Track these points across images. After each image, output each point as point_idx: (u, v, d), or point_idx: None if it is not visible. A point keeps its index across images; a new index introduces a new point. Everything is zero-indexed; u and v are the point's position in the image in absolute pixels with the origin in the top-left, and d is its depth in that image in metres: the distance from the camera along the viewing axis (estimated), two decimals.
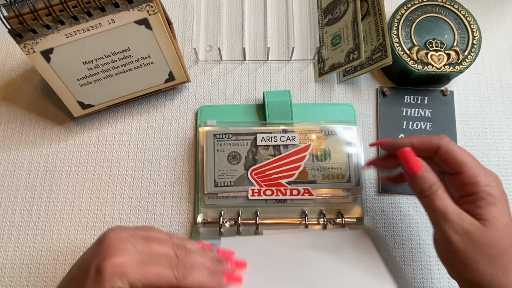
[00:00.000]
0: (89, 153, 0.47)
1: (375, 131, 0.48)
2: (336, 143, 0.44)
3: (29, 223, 0.44)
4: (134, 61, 0.42)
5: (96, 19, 0.38)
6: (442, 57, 0.46)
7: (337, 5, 0.49)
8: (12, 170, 0.46)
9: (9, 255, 0.43)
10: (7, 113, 0.48)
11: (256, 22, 0.53)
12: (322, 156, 0.44)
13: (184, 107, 0.49)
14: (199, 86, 0.50)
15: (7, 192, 0.45)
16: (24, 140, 0.47)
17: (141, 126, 0.48)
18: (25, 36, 0.37)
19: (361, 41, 0.44)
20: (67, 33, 0.38)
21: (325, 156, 0.44)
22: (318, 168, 0.43)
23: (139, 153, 0.47)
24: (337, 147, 0.44)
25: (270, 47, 0.51)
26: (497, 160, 0.47)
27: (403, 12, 0.48)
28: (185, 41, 0.52)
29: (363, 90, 0.49)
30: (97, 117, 0.48)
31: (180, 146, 0.47)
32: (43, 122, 0.48)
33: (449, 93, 0.48)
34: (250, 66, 0.51)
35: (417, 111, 0.48)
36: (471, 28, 0.47)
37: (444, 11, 0.48)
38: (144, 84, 0.45)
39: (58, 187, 0.45)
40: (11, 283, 0.42)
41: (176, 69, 0.45)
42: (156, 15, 0.39)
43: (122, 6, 0.38)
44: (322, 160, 0.44)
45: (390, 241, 0.44)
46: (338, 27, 0.48)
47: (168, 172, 0.46)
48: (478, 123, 0.48)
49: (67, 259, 0.43)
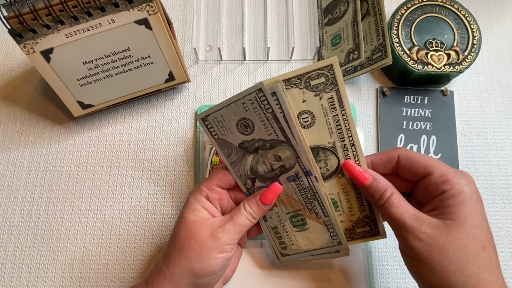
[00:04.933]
0: (89, 153, 0.47)
1: (375, 131, 0.48)
2: None
3: (29, 223, 0.44)
4: (134, 61, 0.42)
5: (96, 19, 0.38)
6: (442, 57, 0.46)
7: (337, 5, 0.49)
8: (12, 170, 0.46)
9: (9, 255, 0.43)
10: (7, 113, 0.48)
11: (256, 22, 0.53)
12: None
13: (184, 107, 0.49)
14: (199, 86, 0.50)
15: (7, 192, 0.45)
16: (24, 140, 0.47)
17: (141, 126, 0.48)
18: (25, 36, 0.37)
19: (361, 41, 0.44)
20: (67, 33, 0.38)
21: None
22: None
23: (139, 153, 0.47)
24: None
25: (270, 47, 0.51)
26: (497, 160, 0.47)
27: (403, 12, 0.48)
28: (185, 41, 0.52)
29: (363, 90, 0.49)
30: (97, 117, 0.48)
31: (180, 146, 0.47)
32: (43, 122, 0.48)
33: (449, 93, 0.48)
34: (250, 66, 0.51)
35: (417, 111, 0.48)
36: (471, 28, 0.47)
37: (444, 11, 0.48)
38: (144, 84, 0.45)
39: (58, 187, 0.45)
40: (11, 283, 0.42)
41: (176, 69, 0.45)
42: (156, 15, 0.39)
43: (122, 6, 0.38)
44: None
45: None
46: (338, 27, 0.48)
47: (168, 172, 0.46)
48: (478, 123, 0.48)
49: (67, 259, 0.43)
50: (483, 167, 0.47)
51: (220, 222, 0.32)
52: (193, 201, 0.33)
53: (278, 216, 0.35)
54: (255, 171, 0.32)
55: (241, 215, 0.32)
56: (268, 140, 0.30)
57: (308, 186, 0.32)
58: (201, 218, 0.32)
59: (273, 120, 0.29)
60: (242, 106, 0.29)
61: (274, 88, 0.28)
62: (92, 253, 0.43)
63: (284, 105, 0.28)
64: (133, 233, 0.44)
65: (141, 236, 0.44)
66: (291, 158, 0.31)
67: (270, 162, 0.31)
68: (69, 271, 0.43)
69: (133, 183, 0.46)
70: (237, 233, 0.32)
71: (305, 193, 0.33)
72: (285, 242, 0.36)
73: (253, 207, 0.32)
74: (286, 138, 0.30)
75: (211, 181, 0.33)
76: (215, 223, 0.32)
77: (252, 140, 0.31)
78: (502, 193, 0.46)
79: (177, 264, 0.31)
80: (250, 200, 0.33)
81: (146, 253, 0.43)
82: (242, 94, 0.28)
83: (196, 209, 0.32)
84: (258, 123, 0.30)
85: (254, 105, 0.29)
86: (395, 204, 0.28)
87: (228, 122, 0.30)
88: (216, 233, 0.31)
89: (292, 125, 0.29)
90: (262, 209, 0.33)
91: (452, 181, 0.27)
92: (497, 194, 0.46)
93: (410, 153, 0.30)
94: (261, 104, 0.29)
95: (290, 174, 0.32)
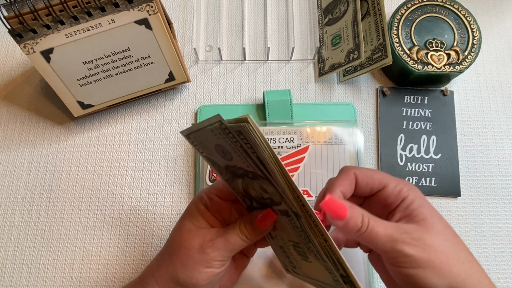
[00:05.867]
0: (89, 153, 0.47)
1: (375, 131, 0.48)
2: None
3: (29, 223, 0.44)
4: (134, 61, 0.42)
5: (96, 19, 0.38)
6: (442, 57, 0.46)
7: (337, 5, 0.49)
8: (12, 170, 0.46)
9: (9, 255, 0.43)
10: (7, 113, 0.48)
11: (256, 22, 0.53)
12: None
13: (184, 107, 0.49)
14: (199, 86, 0.50)
15: (7, 192, 0.45)
16: (24, 140, 0.47)
17: (141, 126, 0.48)
18: (25, 36, 0.37)
19: (361, 41, 0.44)
20: (67, 33, 0.38)
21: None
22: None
23: (139, 153, 0.47)
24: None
25: (270, 47, 0.51)
26: (497, 160, 0.47)
27: (403, 12, 0.48)
28: (185, 41, 0.52)
29: (363, 90, 0.49)
30: (97, 117, 0.48)
31: (180, 146, 0.47)
32: (43, 122, 0.48)
33: (449, 93, 0.48)
34: (250, 66, 0.51)
35: (417, 111, 0.48)
36: (471, 28, 0.47)
37: (444, 11, 0.48)
38: (144, 84, 0.45)
39: (58, 187, 0.45)
40: (11, 283, 0.42)
41: (176, 69, 0.45)
42: (156, 15, 0.39)
43: (122, 6, 0.38)
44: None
45: None
46: (338, 27, 0.48)
47: (168, 172, 0.46)
48: (478, 123, 0.48)
49: (67, 259, 0.43)
50: (483, 167, 0.47)
51: (212, 235, 0.30)
52: (193, 208, 0.32)
53: (282, 239, 0.32)
54: (248, 193, 0.29)
55: (234, 234, 0.30)
56: (249, 171, 0.26)
57: (299, 227, 0.27)
58: (197, 226, 0.31)
59: (247, 155, 0.24)
60: (212, 133, 0.24)
61: (239, 127, 0.22)
62: (92, 253, 0.43)
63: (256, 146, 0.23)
64: (133, 233, 0.44)
65: (141, 236, 0.44)
66: (276, 195, 0.26)
67: (259, 191, 0.28)
68: (69, 271, 0.43)
69: (133, 183, 0.46)
70: (228, 251, 0.30)
71: (298, 232, 0.28)
72: (293, 263, 0.33)
73: (249, 229, 0.30)
74: (265, 175, 0.25)
75: (212, 190, 0.32)
76: (207, 235, 0.30)
77: (234, 167, 0.27)
78: (502, 193, 0.46)
79: (165, 268, 0.30)
80: (246, 220, 0.30)
81: (146, 253, 0.43)
82: (206, 122, 0.24)
83: (194, 217, 0.31)
84: (234, 153, 0.25)
85: (222, 136, 0.24)
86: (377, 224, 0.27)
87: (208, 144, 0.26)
88: (205, 247, 0.29)
89: (266, 164, 0.23)
90: (257, 233, 0.30)
91: (405, 188, 0.29)
92: (497, 194, 0.46)
93: (362, 170, 0.30)
94: (228, 137, 0.24)
95: (281, 209, 0.27)
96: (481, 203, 0.45)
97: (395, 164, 0.46)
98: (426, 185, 0.46)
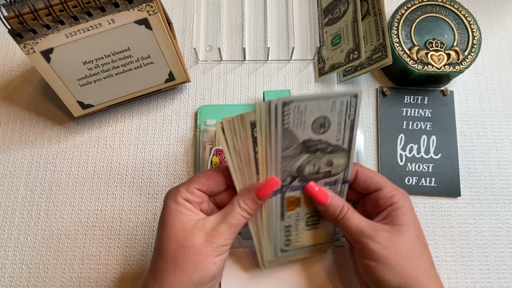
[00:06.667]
0: (89, 153, 0.47)
1: (375, 131, 0.48)
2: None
3: (29, 223, 0.44)
4: (134, 61, 0.42)
5: (96, 19, 0.38)
6: (442, 57, 0.46)
7: (337, 5, 0.49)
8: (12, 170, 0.46)
9: (9, 255, 0.43)
10: (7, 113, 0.48)
11: (256, 22, 0.53)
12: None
13: (184, 107, 0.49)
14: (199, 86, 0.50)
15: (7, 192, 0.45)
16: (24, 140, 0.47)
17: (141, 126, 0.48)
18: (25, 36, 0.37)
19: (361, 41, 0.44)
20: (67, 33, 0.38)
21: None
22: None
23: (139, 153, 0.47)
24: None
25: (270, 47, 0.51)
26: (497, 160, 0.47)
27: (403, 12, 0.48)
28: (185, 41, 0.52)
29: (363, 90, 0.49)
30: (97, 117, 0.48)
31: (180, 146, 0.47)
32: (43, 122, 0.48)
33: (449, 93, 0.48)
34: (250, 66, 0.51)
35: (417, 111, 0.48)
36: (471, 28, 0.47)
37: (444, 11, 0.48)
38: (144, 84, 0.45)
39: (58, 187, 0.45)
40: (11, 283, 0.42)
41: (176, 69, 0.45)
42: (156, 15, 0.39)
43: (122, 6, 0.38)
44: None
45: None
46: (338, 27, 0.48)
47: (168, 172, 0.46)
48: (478, 123, 0.48)
49: (67, 259, 0.43)
50: (483, 167, 0.47)
51: (212, 224, 0.30)
52: (173, 205, 0.30)
53: (297, 216, 0.34)
54: (301, 170, 0.31)
55: (236, 214, 0.30)
56: (333, 145, 0.31)
57: (339, 191, 0.34)
58: (188, 223, 0.30)
59: (348, 128, 0.30)
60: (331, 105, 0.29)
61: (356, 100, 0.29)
62: (92, 253, 0.43)
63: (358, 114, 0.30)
64: (133, 233, 0.44)
65: (141, 236, 0.44)
66: (340, 167, 0.32)
67: (320, 165, 0.32)
68: (69, 271, 0.43)
69: (133, 183, 0.46)
70: (232, 233, 0.30)
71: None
72: (291, 239, 0.36)
73: (249, 203, 0.31)
74: (349, 148, 0.31)
75: (192, 184, 0.31)
76: (206, 226, 0.30)
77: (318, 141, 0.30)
78: (502, 193, 0.46)
79: (172, 280, 0.29)
80: (244, 196, 0.31)
81: (146, 253, 0.43)
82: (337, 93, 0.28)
83: (182, 214, 0.30)
84: (334, 126, 0.30)
85: (341, 108, 0.29)
86: (353, 216, 0.32)
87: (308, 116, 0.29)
88: (211, 237, 0.29)
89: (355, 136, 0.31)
90: (258, 205, 0.31)
91: (397, 196, 0.32)
92: (497, 194, 0.46)
93: (364, 169, 0.33)
94: (348, 109, 0.29)
95: (330, 180, 0.33)
96: (481, 203, 0.45)
97: (395, 164, 0.46)
98: (426, 185, 0.46)
